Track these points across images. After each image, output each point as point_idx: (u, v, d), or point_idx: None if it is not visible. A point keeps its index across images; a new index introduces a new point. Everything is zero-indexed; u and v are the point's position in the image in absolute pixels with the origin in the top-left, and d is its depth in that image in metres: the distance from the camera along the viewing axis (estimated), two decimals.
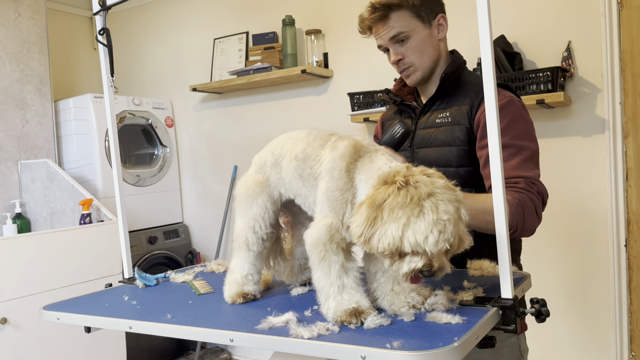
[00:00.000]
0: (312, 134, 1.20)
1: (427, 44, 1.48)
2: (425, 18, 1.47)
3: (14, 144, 3.19)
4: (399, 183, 0.93)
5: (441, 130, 1.47)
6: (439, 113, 1.50)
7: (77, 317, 1.28)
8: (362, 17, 1.50)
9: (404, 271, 0.94)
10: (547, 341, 2.59)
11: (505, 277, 0.99)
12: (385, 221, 0.91)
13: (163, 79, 3.87)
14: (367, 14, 1.47)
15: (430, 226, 0.89)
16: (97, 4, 1.59)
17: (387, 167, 1.02)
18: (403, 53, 1.48)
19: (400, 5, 1.44)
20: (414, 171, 0.96)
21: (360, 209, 0.96)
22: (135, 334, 2.33)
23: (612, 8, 2.35)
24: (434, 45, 1.50)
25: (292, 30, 3.15)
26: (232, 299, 1.24)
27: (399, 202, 0.91)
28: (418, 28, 1.46)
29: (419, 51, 1.47)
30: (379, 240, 0.92)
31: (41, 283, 2.53)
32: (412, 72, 1.51)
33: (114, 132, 1.65)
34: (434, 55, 1.50)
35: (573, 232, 2.51)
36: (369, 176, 1.03)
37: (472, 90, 1.47)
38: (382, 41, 1.49)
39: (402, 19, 1.44)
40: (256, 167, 1.29)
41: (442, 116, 1.49)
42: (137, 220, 3.41)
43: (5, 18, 3.17)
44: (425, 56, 1.49)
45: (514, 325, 1.00)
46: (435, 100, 1.53)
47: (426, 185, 0.92)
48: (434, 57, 1.50)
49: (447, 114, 1.48)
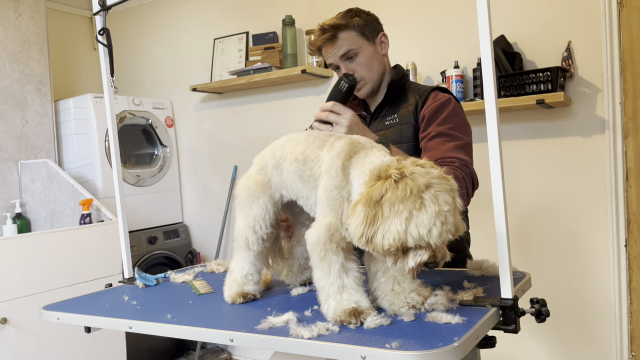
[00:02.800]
0: (311, 135, 1.20)
1: (373, 59, 1.63)
2: (369, 36, 1.62)
3: (14, 144, 3.19)
4: (395, 176, 0.92)
5: (391, 130, 1.61)
6: (388, 116, 1.64)
7: (77, 317, 1.28)
8: (311, 40, 1.66)
9: (410, 266, 0.93)
10: (547, 341, 2.59)
11: (505, 277, 0.99)
12: (387, 217, 0.90)
13: (163, 79, 3.87)
14: (317, 36, 1.61)
15: (433, 218, 0.88)
16: (97, 4, 1.59)
17: (379, 160, 1.01)
18: (353, 69, 1.61)
19: (347, 26, 1.58)
20: (405, 163, 0.95)
21: (356, 209, 0.94)
22: (135, 334, 2.33)
23: (612, 8, 2.35)
24: (380, 60, 1.65)
25: (292, 30, 3.15)
26: (232, 299, 1.24)
27: (399, 196, 0.89)
28: (364, 45, 1.61)
29: (367, 66, 1.62)
30: (383, 237, 0.91)
31: (41, 283, 2.53)
32: (363, 85, 1.64)
33: (114, 132, 1.65)
34: (380, 68, 1.65)
35: (573, 232, 2.51)
36: (361, 171, 1.02)
37: (416, 93, 1.62)
38: (333, 59, 1.62)
39: (349, 38, 1.59)
40: (257, 168, 1.29)
41: (390, 118, 1.63)
42: (137, 220, 3.41)
43: (5, 18, 3.17)
44: (373, 70, 1.63)
45: (514, 325, 1.00)
46: (383, 106, 1.67)
47: (422, 176, 0.91)
48: (380, 70, 1.65)
49: (395, 116, 1.62)
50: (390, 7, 2.89)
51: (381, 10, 3.02)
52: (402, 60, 2.82)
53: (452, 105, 1.56)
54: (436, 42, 2.78)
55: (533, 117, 2.56)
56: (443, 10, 2.75)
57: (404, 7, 2.86)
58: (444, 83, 2.67)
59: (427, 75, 2.83)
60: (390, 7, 2.89)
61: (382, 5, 2.90)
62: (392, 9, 2.89)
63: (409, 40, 2.85)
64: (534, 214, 2.58)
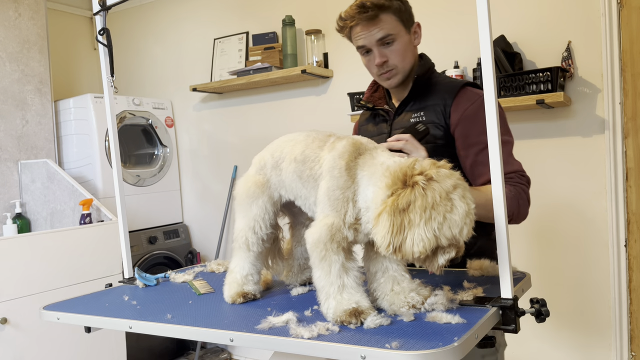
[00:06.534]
0: (310, 135, 1.20)
1: (408, 49, 1.53)
2: (406, 24, 1.51)
3: (14, 144, 3.19)
4: (422, 183, 0.93)
5: None
6: (413, 113, 1.54)
7: (77, 317, 1.28)
8: (348, 15, 1.49)
9: (441, 264, 0.96)
10: (547, 341, 2.59)
11: (505, 277, 0.99)
12: (416, 224, 0.92)
13: (163, 79, 3.87)
14: (354, 12, 1.47)
15: (464, 218, 0.92)
16: (97, 4, 1.59)
17: (391, 161, 1.02)
18: (387, 55, 1.50)
19: (389, 8, 1.46)
20: (425, 165, 0.96)
21: (380, 218, 0.95)
22: (135, 334, 2.33)
23: (612, 8, 2.35)
24: (413, 51, 1.56)
25: (292, 30, 3.15)
26: (232, 299, 1.24)
27: (429, 203, 0.92)
28: (402, 33, 1.50)
29: (402, 55, 1.51)
30: (413, 244, 0.92)
31: (41, 283, 2.53)
32: (394, 74, 1.54)
33: (114, 132, 1.65)
34: (412, 60, 1.55)
35: (573, 232, 2.51)
36: (372, 172, 1.03)
37: (444, 91, 1.52)
38: (367, 41, 1.50)
39: (390, 22, 1.47)
40: (256, 168, 1.29)
41: (416, 115, 1.53)
42: (137, 220, 3.41)
43: (5, 18, 3.17)
44: (407, 60, 1.53)
45: (514, 325, 1.00)
46: (408, 101, 1.57)
47: (449, 178, 0.94)
48: (412, 61, 1.55)
49: (421, 113, 1.53)
50: None
51: None
52: None
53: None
54: (436, 42, 2.78)
55: (533, 117, 2.56)
56: (443, 10, 2.75)
57: None
58: None
59: None
60: None
61: None
62: None
63: None
64: (533, 214, 2.57)
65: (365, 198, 1.03)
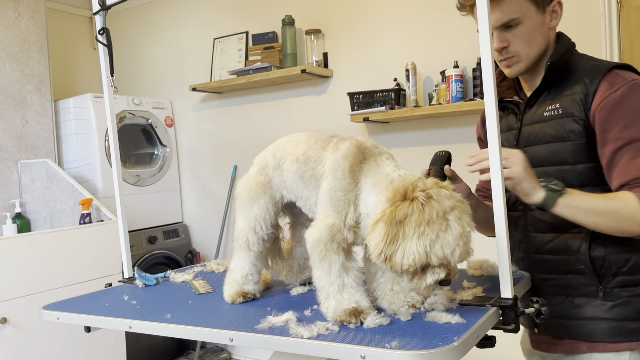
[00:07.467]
0: (313, 136, 1.20)
1: (537, 33, 1.29)
2: (540, 3, 1.28)
3: (14, 144, 3.19)
4: (422, 200, 0.94)
5: (550, 124, 1.28)
6: (547, 106, 1.31)
7: (77, 317, 1.28)
8: None
9: (429, 283, 0.96)
10: None
11: (505, 277, 0.99)
12: (409, 237, 0.92)
13: (163, 79, 3.87)
14: None
15: (458, 240, 0.92)
16: (97, 4, 1.59)
17: (397, 175, 1.03)
18: (509, 40, 1.28)
19: None
20: (428, 184, 0.97)
21: (376, 227, 0.96)
22: (135, 334, 2.33)
23: (612, 8, 2.35)
24: (544, 34, 1.31)
25: (292, 30, 3.15)
26: (232, 299, 1.24)
27: (425, 219, 0.92)
28: (531, 13, 1.27)
29: (527, 40, 1.28)
30: (404, 257, 0.93)
31: (41, 283, 2.53)
32: (515, 62, 1.31)
33: (114, 132, 1.65)
34: (542, 45, 1.31)
35: None
36: (376, 181, 1.03)
37: (585, 76, 1.26)
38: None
39: (516, 3, 1.25)
40: (258, 168, 1.28)
41: (550, 109, 1.29)
42: (137, 220, 3.41)
43: (5, 18, 3.17)
44: (534, 46, 1.29)
45: (514, 325, 1.00)
46: (541, 92, 1.33)
47: (448, 199, 0.94)
48: (542, 47, 1.31)
49: (556, 106, 1.28)
50: (390, 7, 2.89)
51: (381, 10, 3.03)
52: (402, 60, 2.82)
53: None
54: (436, 42, 2.78)
55: None
56: (443, 10, 2.75)
57: (404, 7, 2.86)
58: (444, 83, 2.66)
59: (427, 75, 2.83)
60: (390, 7, 2.89)
61: (381, 5, 2.90)
62: (392, 9, 2.88)
63: (409, 40, 2.85)
64: None
65: (366, 205, 1.04)
